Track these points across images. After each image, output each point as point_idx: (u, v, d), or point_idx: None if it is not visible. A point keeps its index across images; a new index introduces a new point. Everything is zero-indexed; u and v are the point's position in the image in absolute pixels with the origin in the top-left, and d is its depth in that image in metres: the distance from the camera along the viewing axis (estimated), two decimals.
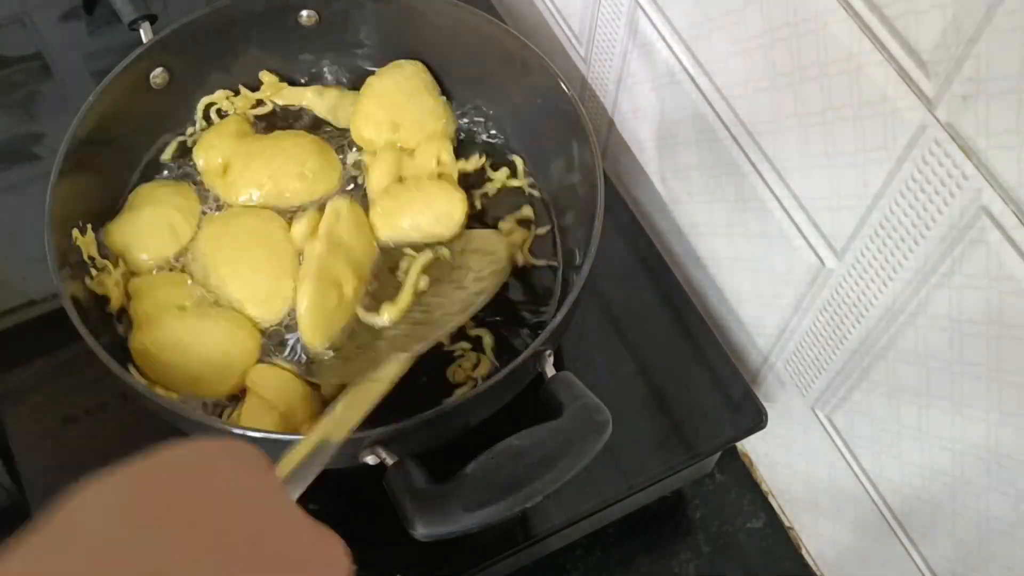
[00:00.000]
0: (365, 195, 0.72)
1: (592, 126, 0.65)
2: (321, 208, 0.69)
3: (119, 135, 0.70)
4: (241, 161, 0.71)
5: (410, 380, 0.65)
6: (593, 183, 0.64)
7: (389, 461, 0.53)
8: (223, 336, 0.64)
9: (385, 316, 0.66)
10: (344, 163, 0.74)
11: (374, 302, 0.67)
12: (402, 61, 0.75)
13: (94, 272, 0.65)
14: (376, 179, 0.71)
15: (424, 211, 0.69)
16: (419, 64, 0.76)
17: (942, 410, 0.54)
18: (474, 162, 0.74)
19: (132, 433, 0.66)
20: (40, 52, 0.87)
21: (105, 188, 0.69)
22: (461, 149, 0.75)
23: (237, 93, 0.76)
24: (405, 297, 0.67)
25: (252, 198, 0.70)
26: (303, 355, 0.65)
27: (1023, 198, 0.43)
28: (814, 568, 0.75)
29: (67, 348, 0.70)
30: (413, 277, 0.67)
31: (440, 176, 0.71)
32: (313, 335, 0.64)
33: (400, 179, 0.72)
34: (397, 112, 0.73)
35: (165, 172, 0.73)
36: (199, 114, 0.75)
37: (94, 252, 0.66)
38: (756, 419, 0.69)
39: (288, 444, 0.56)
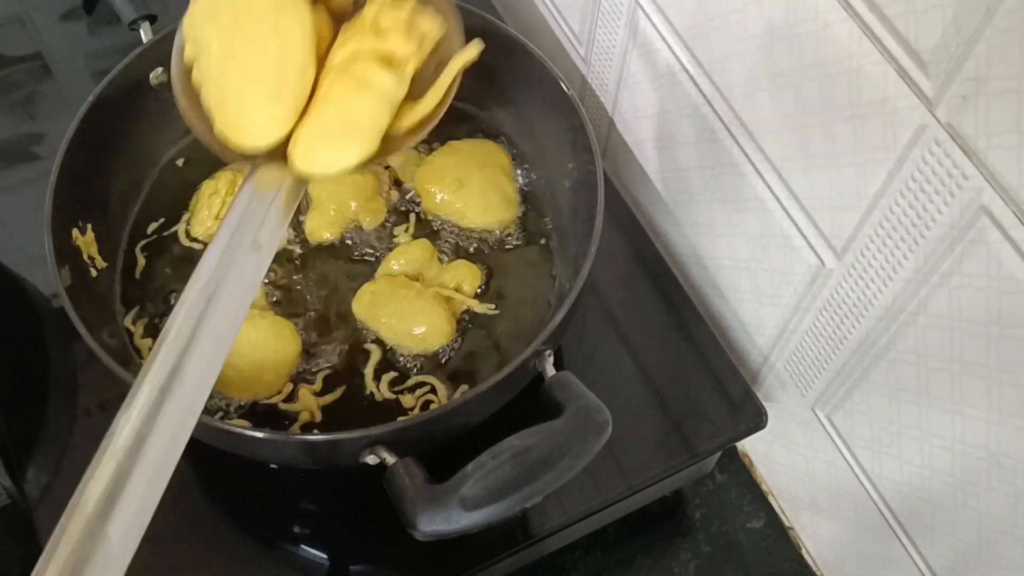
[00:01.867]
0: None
1: (592, 126, 0.65)
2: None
3: (119, 135, 0.70)
4: None
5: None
6: (593, 183, 0.64)
7: (389, 461, 0.53)
8: (263, 343, 0.63)
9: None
10: (386, 200, 0.72)
11: None
12: (491, 144, 0.75)
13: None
14: (397, 262, 0.68)
15: (407, 319, 0.65)
16: (508, 158, 0.75)
17: (942, 410, 0.54)
18: (484, 308, 0.68)
19: None
20: (40, 52, 0.87)
21: (105, 188, 0.69)
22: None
23: None
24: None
25: None
26: None
27: (1023, 198, 0.43)
28: (814, 568, 0.75)
29: (67, 348, 0.70)
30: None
31: (448, 300, 0.67)
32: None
33: (416, 276, 0.68)
34: (464, 174, 0.71)
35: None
36: None
37: (94, 252, 0.66)
38: (756, 419, 0.69)
39: (285, 444, 0.56)
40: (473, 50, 0.55)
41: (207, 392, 0.45)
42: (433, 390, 0.64)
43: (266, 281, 0.68)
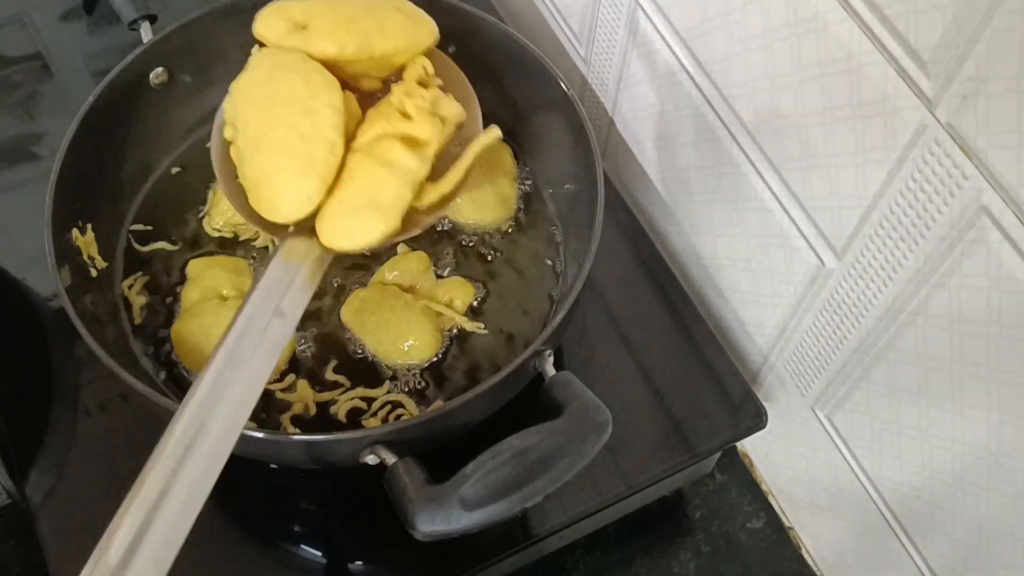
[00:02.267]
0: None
1: (592, 126, 0.65)
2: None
3: (119, 135, 0.70)
4: (325, 11, 0.59)
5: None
6: (593, 183, 0.64)
7: (389, 461, 0.53)
8: None
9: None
10: None
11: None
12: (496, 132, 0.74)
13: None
14: (391, 272, 0.68)
15: (392, 330, 0.65)
16: (512, 158, 0.74)
17: (942, 410, 0.54)
18: (473, 326, 0.67)
19: (132, 433, 0.66)
20: (40, 52, 0.87)
21: (105, 188, 0.69)
22: None
23: None
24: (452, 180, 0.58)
25: (341, 50, 0.58)
26: None
27: (1023, 198, 0.43)
28: (814, 568, 0.75)
29: (67, 348, 0.70)
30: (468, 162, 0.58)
31: (438, 315, 0.67)
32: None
33: (409, 287, 0.68)
34: (471, 177, 0.67)
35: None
36: None
37: (94, 252, 0.66)
38: (756, 419, 0.69)
39: (285, 444, 0.56)
40: (491, 135, 0.58)
41: (228, 452, 0.46)
42: (400, 405, 0.64)
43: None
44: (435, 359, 0.66)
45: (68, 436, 0.67)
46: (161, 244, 0.70)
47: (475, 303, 0.68)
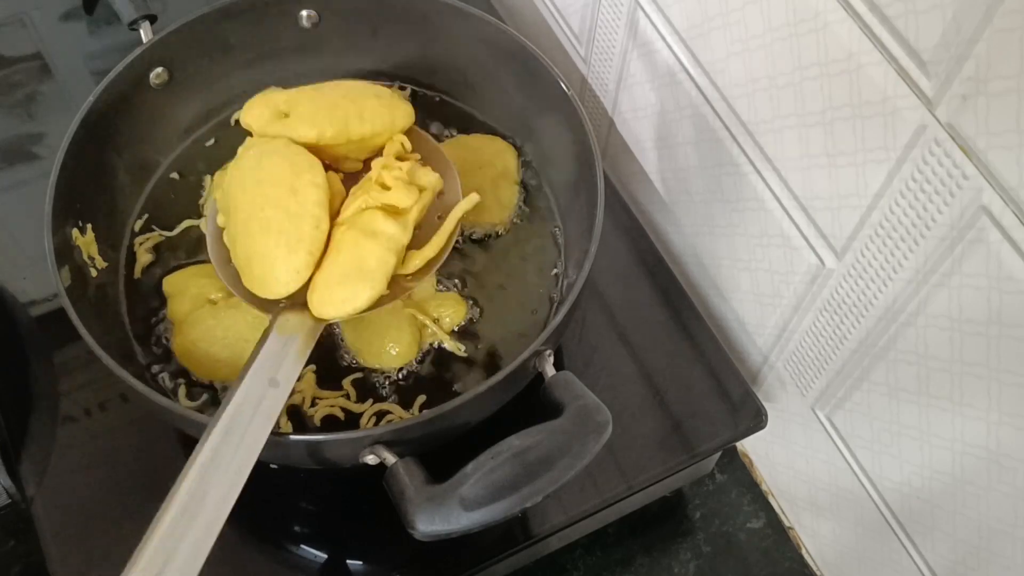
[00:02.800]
0: None
1: (592, 126, 0.65)
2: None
3: (119, 135, 0.70)
4: (307, 99, 0.63)
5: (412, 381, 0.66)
6: (593, 183, 0.64)
7: (389, 461, 0.53)
8: (254, 323, 0.64)
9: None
10: None
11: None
12: (500, 143, 0.75)
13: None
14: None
15: (371, 333, 0.66)
16: (515, 160, 0.75)
17: (942, 410, 0.54)
18: (454, 346, 0.66)
19: (132, 433, 0.67)
20: (40, 52, 0.87)
21: (106, 188, 0.69)
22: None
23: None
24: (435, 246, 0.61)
25: (321, 134, 0.62)
26: None
27: (1023, 198, 0.43)
28: (814, 568, 0.75)
29: (67, 348, 0.70)
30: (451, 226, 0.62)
31: (422, 326, 0.67)
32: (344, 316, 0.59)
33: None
34: (470, 178, 0.69)
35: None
36: None
37: (94, 252, 0.66)
38: (756, 419, 0.69)
39: (285, 444, 0.56)
40: (470, 201, 0.63)
41: (225, 516, 0.48)
42: (387, 413, 0.64)
43: None
44: (407, 368, 0.66)
45: (68, 436, 0.67)
46: (188, 222, 0.71)
47: (464, 323, 0.68)
